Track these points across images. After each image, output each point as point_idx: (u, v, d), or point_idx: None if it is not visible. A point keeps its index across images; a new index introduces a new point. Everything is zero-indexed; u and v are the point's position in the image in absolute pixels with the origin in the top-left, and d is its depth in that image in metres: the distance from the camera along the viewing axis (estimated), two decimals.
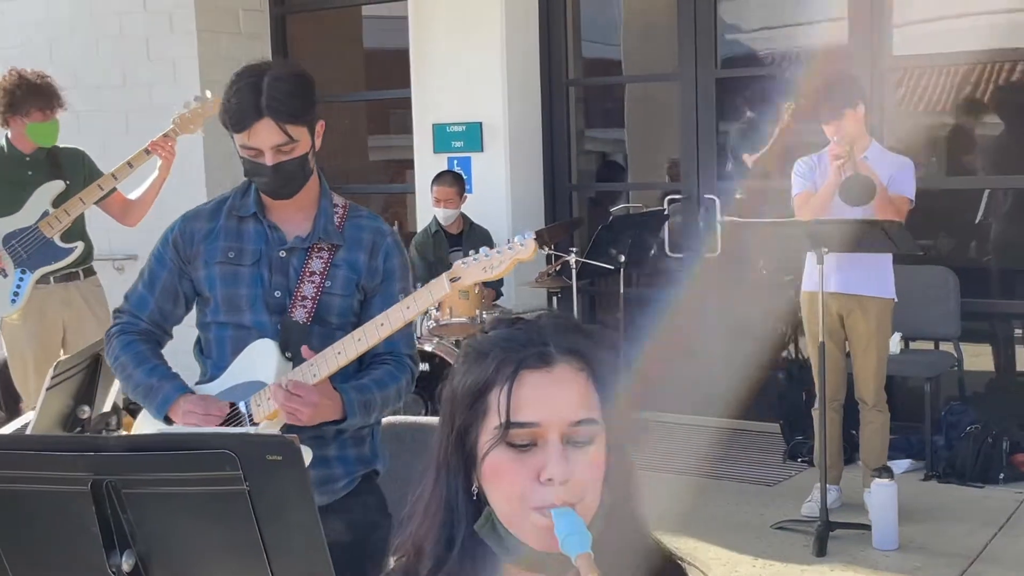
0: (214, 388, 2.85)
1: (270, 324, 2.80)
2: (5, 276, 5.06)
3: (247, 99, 2.67)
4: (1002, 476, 5.72)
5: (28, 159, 5.19)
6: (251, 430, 2.73)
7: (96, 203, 5.16)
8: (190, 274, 2.87)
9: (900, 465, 5.71)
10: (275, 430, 2.69)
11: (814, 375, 5.26)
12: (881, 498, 4.92)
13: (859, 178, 4.89)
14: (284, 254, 2.81)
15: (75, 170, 5.25)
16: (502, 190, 7.06)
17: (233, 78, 2.75)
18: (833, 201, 4.99)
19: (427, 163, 7.23)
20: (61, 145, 5.31)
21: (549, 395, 1.50)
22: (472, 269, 2.71)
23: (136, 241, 6.46)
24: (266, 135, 2.68)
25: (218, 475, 2.13)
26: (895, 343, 5.69)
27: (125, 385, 2.93)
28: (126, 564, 2.19)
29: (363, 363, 2.83)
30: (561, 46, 7.36)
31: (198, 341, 2.98)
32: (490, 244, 6.35)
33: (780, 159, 7.53)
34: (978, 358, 6.68)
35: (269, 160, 2.70)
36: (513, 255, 2.69)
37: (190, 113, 4.96)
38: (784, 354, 7.67)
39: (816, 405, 5.25)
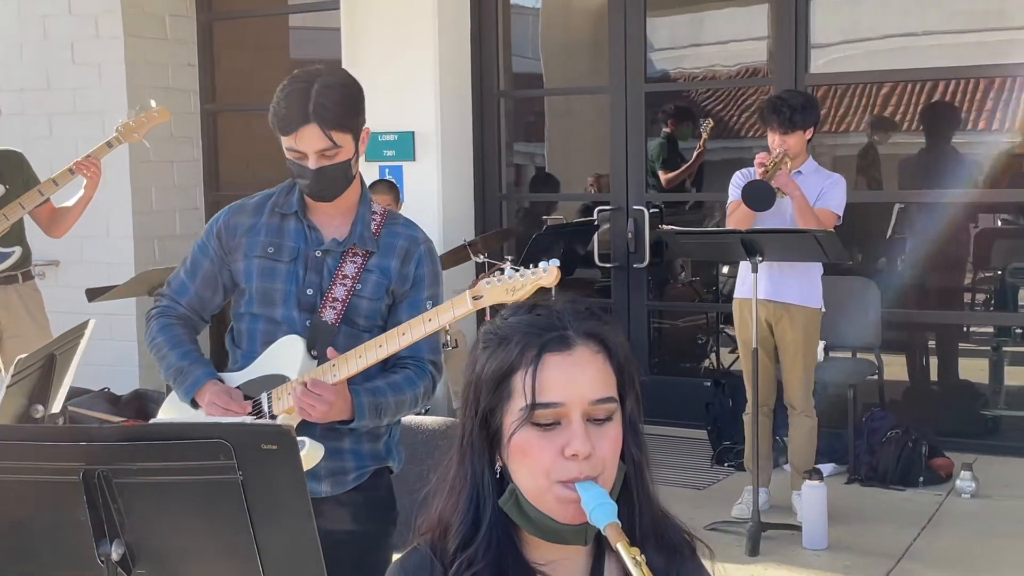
0: (241, 377, 2.93)
1: (299, 320, 2.87)
2: None
3: (296, 104, 2.74)
4: (921, 479, 5.90)
5: None
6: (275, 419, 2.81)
7: (29, 213, 5.12)
8: (230, 265, 2.94)
9: (824, 469, 5.82)
10: (293, 424, 2.73)
11: (745, 381, 5.38)
12: (812, 499, 5.05)
13: (759, 184, 5.02)
14: (320, 254, 2.88)
15: (14, 173, 5.18)
16: (434, 199, 7.10)
17: (285, 82, 2.82)
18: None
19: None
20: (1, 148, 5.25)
21: (571, 376, 1.59)
22: (495, 290, 2.76)
23: (57, 248, 6.43)
24: (311, 140, 2.75)
25: (211, 464, 2.15)
26: (819, 351, 5.85)
27: (160, 365, 2.99)
28: (115, 553, 2.19)
29: (386, 365, 2.89)
30: (492, 58, 7.44)
31: (231, 329, 3.04)
32: None
33: (698, 174, 7.75)
34: (895, 367, 6.89)
35: (313, 164, 2.76)
36: (536, 280, 2.75)
37: (134, 122, 4.96)
38: (707, 363, 7.86)
39: (747, 410, 5.38)
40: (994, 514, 5.47)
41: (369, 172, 7.08)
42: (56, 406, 3.76)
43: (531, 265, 2.78)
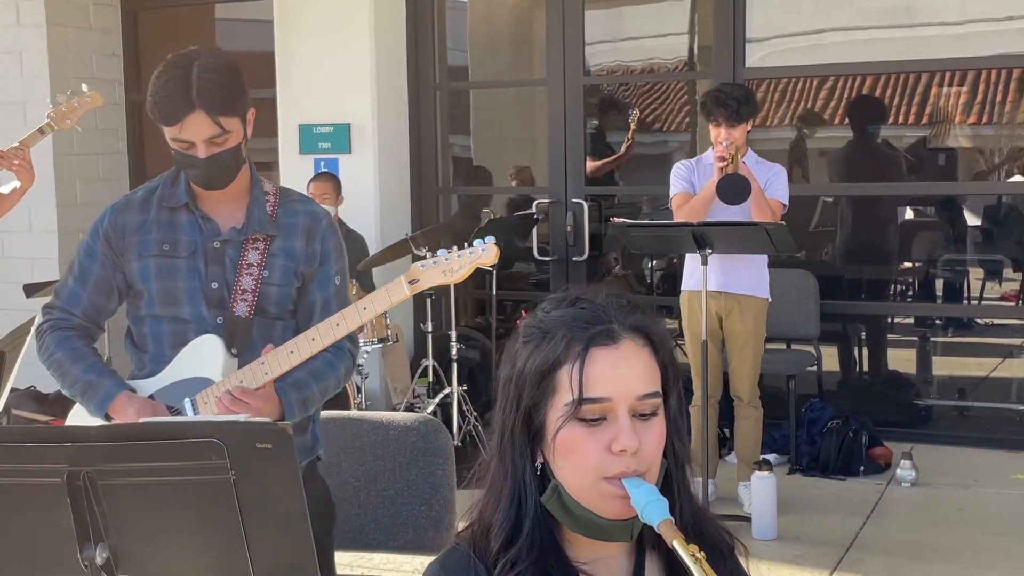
0: (155, 384, 2.77)
1: (209, 317, 2.74)
2: None
3: (177, 91, 2.60)
4: (862, 468, 5.96)
5: None
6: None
7: None
8: (123, 267, 2.78)
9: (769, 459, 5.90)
10: None
11: (693, 374, 5.39)
12: (761, 490, 5.08)
13: (736, 177, 5.04)
14: (219, 245, 2.74)
15: None
16: (370, 192, 7.03)
17: (160, 69, 2.65)
18: (713, 202, 5.14)
19: (293, 164, 7.14)
20: None
21: (618, 371, 1.57)
22: (431, 272, 2.68)
23: None
24: (198, 128, 2.62)
25: (202, 464, 2.09)
26: None
27: (61, 382, 2.80)
28: (99, 558, 2.13)
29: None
30: (429, 50, 7.39)
31: (129, 333, 2.88)
32: (364, 251, 6.35)
33: (627, 165, 7.76)
34: (832, 357, 6.97)
35: (202, 153, 2.63)
36: (474, 259, 2.68)
37: (66, 107, 4.80)
38: None
39: (695, 403, 5.39)
40: (934, 502, 5.55)
41: (305, 164, 7.00)
42: (0, 404, 3.63)
43: (467, 245, 2.71)
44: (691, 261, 5.37)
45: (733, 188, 5.01)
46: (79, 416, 2.83)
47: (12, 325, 3.73)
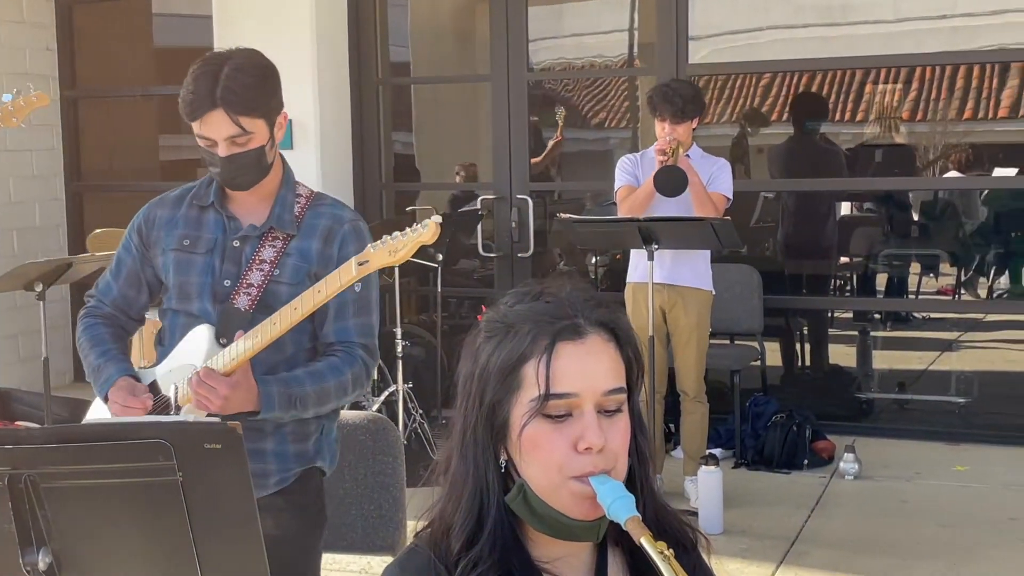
0: (156, 372, 2.80)
1: (214, 313, 2.73)
2: None
3: (203, 88, 2.61)
4: (806, 462, 6.01)
5: None
6: (177, 416, 2.66)
7: None
8: (152, 260, 2.82)
9: (715, 453, 5.93)
10: (201, 415, 2.62)
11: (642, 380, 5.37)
12: (709, 484, 5.09)
13: (673, 169, 5.04)
14: (238, 243, 2.74)
15: None
16: (313, 188, 6.93)
17: (195, 65, 2.66)
18: (655, 196, 5.15)
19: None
20: None
21: (584, 366, 1.55)
22: (379, 253, 2.64)
23: None
24: (218, 126, 2.62)
25: (149, 466, 2.06)
26: None
27: (85, 365, 2.86)
28: (42, 563, 2.10)
29: (316, 355, 2.78)
30: (371, 45, 7.34)
31: (160, 329, 2.91)
32: None
33: (557, 162, 7.76)
34: (775, 352, 7.02)
35: (223, 151, 2.63)
36: (416, 237, 2.63)
37: (12, 106, 4.73)
38: None
39: (641, 398, 5.37)
40: (877, 495, 5.61)
41: None
42: None
43: (412, 225, 2.68)
44: (636, 254, 5.38)
45: (670, 180, 5.01)
46: (99, 404, 2.85)
47: None
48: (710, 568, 1.70)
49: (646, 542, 1.47)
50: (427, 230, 2.64)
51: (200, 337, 2.73)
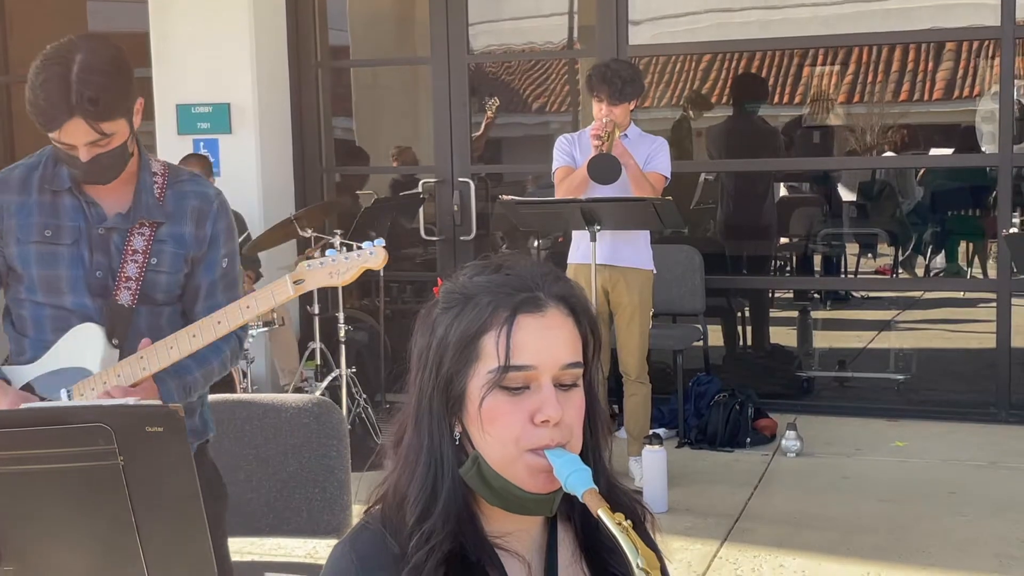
0: (33, 371, 2.65)
1: (93, 307, 2.61)
2: None
3: (55, 94, 2.43)
4: (748, 440, 6.05)
5: None
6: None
7: None
8: (2, 249, 2.64)
9: (659, 433, 5.94)
10: None
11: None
12: (653, 463, 5.10)
13: (605, 157, 5.04)
14: (104, 232, 2.61)
15: None
16: (252, 172, 6.89)
17: (38, 64, 2.46)
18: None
19: (171, 145, 6.94)
20: None
21: (543, 339, 1.54)
22: (317, 273, 2.61)
23: None
24: (78, 134, 2.45)
25: (89, 450, 2.04)
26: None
27: None
28: None
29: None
30: (309, 29, 7.28)
31: (7, 314, 2.75)
32: (243, 230, 6.23)
33: (488, 147, 7.74)
34: (717, 332, 7.06)
35: (84, 156, 2.48)
36: (361, 262, 2.61)
37: None
38: None
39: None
40: (819, 471, 5.64)
41: (183, 146, 6.83)
42: None
43: (356, 246, 2.65)
44: (577, 235, 5.37)
45: (603, 169, 5.00)
46: None
47: None
48: (655, 543, 1.69)
49: (604, 514, 1.45)
50: (375, 256, 2.61)
51: (90, 338, 2.61)
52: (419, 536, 1.53)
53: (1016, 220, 6.35)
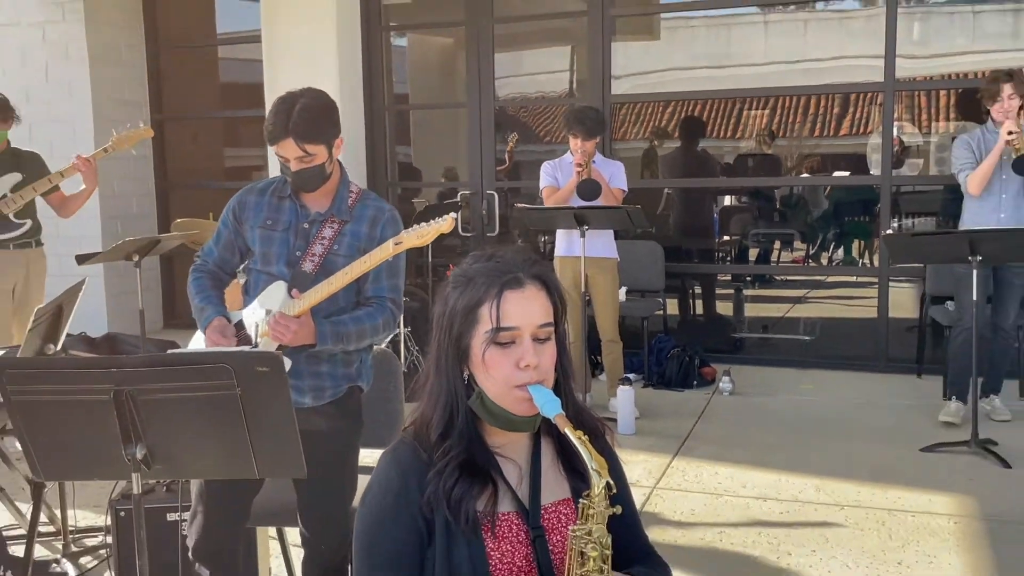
0: (242, 314, 2.79)
1: (287, 273, 2.73)
2: None
3: (279, 121, 2.59)
4: (695, 383, 6.07)
5: None
6: (258, 343, 2.70)
7: (43, 195, 4.89)
8: (244, 233, 2.79)
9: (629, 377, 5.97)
10: (273, 346, 2.62)
11: (567, 320, 5.39)
12: (624, 399, 5.14)
13: (591, 181, 5.08)
14: (307, 225, 2.72)
15: (30, 167, 4.94)
16: None
17: (276, 101, 2.63)
18: (574, 195, 5.16)
19: (276, 164, 6.97)
20: (23, 148, 5.03)
21: (524, 307, 1.56)
22: (411, 237, 2.65)
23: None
24: (289, 150, 2.60)
25: (216, 383, 2.07)
26: (622, 294, 5.95)
27: (192, 306, 2.83)
28: (139, 454, 2.11)
29: (359, 305, 2.77)
30: (379, 80, 7.28)
31: (247, 283, 2.88)
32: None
33: (512, 169, 7.74)
34: (674, 304, 7.06)
35: (293, 167, 2.62)
36: (437, 227, 2.65)
37: (126, 135, 4.74)
38: None
39: (571, 339, 5.41)
40: (749, 408, 5.66)
41: None
42: (59, 346, 3.55)
43: (432, 220, 2.69)
44: (560, 235, 5.40)
45: (588, 190, 5.06)
46: (196, 339, 2.84)
47: (67, 285, 3.65)
48: (613, 450, 1.72)
49: (568, 430, 1.49)
50: (445, 222, 2.65)
51: (277, 291, 2.72)
52: (441, 448, 1.57)
53: (894, 224, 6.35)
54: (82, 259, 5.09)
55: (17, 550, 3.55)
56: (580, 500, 1.51)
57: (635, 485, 4.33)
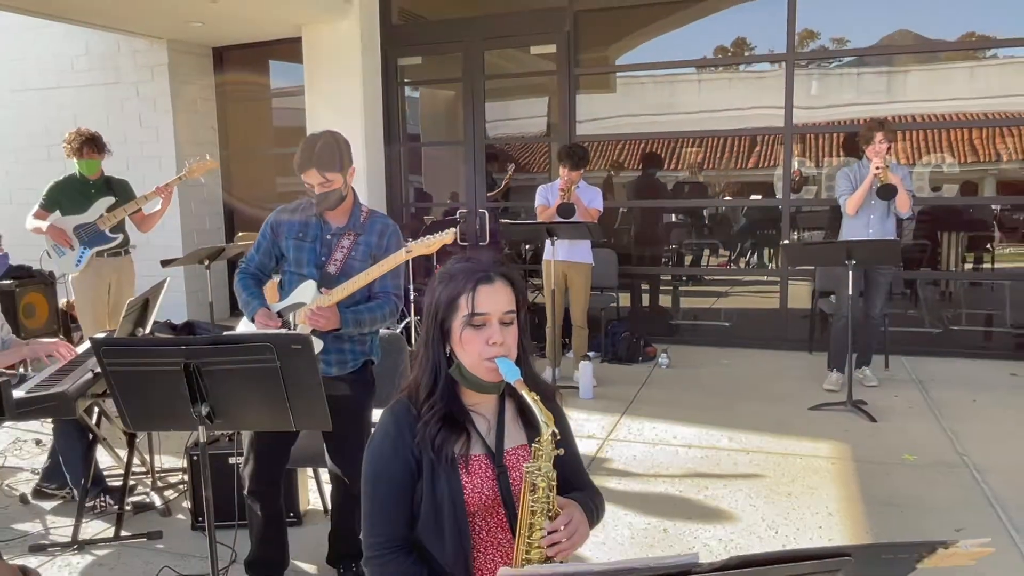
0: (282, 305, 2.81)
1: (316, 274, 2.77)
2: (73, 250, 4.74)
3: (305, 154, 2.63)
4: (640, 358, 6.09)
5: (92, 183, 4.87)
6: (296, 327, 2.74)
7: (129, 215, 4.89)
8: (279, 243, 2.81)
9: (590, 355, 6.00)
10: (308, 331, 2.67)
11: (547, 309, 5.45)
12: (585, 370, 5.17)
13: (568, 204, 5.13)
14: (330, 237, 2.76)
15: (121, 191, 4.95)
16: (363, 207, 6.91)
17: (305, 138, 2.66)
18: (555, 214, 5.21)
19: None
20: (115, 177, 5.04)
21: (493, 298, 1.59)
22: (419, 246, 2.72)
23: (137, 236, 6.06)
24: (313, 177, 2.65)
25: (262, 358, 2.12)
26: None
27: (239, 300, 2.86)
28: (204, 411, 2.16)
29: (370, 299, 2.81)
30: (395, 122, 7.31)
31: (281, 281, 2.92)
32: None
33: (507, 194, 7.76)
34: (626, 298, 7.08)
35: (317, 191, 2.66)
36: (441, 239, 2.72)
37: (196, 166, 4.77)
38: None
39: (549, 324, 5.46)
40: (681, 378, 5.68)
41: None
42: (147, 329, 3.59)
43: (437, 232, 2.77)
44: (548, 244, 5.43)
45: (566, 210, 5.11)
46: (243, 323, 2.86)
47: (153, 283, 3.69)
48: (561, 408, 1.74)
49: (525, 393, 1.53)
50: (447, 235, 2.71)
51: (309, 288, 2.75)
52: (427, 405, 1.60)
53: (792, 236, 6.39)
54: (166, 263, 5.15)
55: (116, 485, 3.59)
56: (533, 444, 1.55)
57: (591, 437, 4.39)
